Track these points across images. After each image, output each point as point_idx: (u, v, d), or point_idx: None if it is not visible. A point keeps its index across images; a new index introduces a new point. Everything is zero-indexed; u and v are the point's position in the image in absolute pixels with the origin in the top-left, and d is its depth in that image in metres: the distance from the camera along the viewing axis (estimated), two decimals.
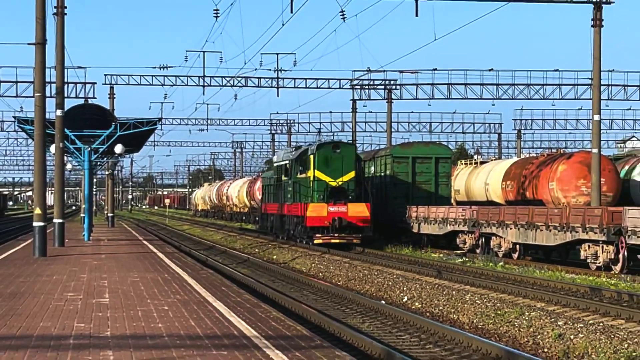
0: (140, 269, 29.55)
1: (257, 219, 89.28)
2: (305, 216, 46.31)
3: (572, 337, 19.48)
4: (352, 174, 46.93)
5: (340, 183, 46.66)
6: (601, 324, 19.90)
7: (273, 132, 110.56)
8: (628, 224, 32.96)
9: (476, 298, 25.31)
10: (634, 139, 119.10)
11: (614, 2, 42.12)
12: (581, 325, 20.08)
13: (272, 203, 57.20)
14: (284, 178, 52.61)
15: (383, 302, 27.42)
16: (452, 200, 52.33)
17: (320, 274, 37.80)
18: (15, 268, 29.67)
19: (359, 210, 45.92)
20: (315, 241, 46.14)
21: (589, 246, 35.96)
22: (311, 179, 47.04)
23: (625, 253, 33.57)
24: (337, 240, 45.97)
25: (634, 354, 17.47)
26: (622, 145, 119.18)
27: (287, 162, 51.78)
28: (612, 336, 18.73)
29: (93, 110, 52.50)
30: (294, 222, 49.81)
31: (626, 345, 18.03)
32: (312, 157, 47.07)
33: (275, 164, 57.27)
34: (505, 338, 21.08)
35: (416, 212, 48.27)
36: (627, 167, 46.15)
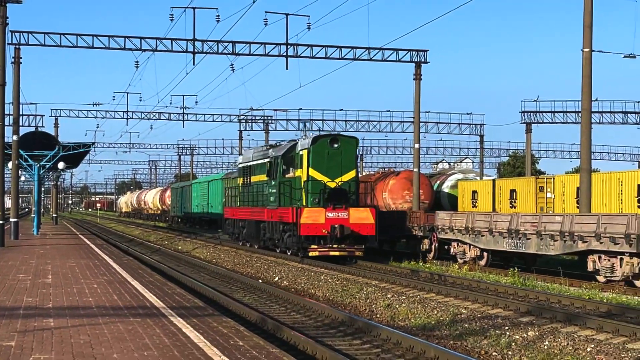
0: (76, 257, 28.94)
1: (167, 218, 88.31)
2: (298, 223, 30.25)
3: (397, 306, 19.72)
4: (353, 173, 31.18)
5: (339, 184, 30.80)
6: (418, 297, 20.20)
7: (180, 154, 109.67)
8: (438, 224, 33.63)
9: (328, 278, 25.44)
10: (443, 161, 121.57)
11: (430, 62, 43.05)
12: (404, 297, 20.35)
13: (241, 207, 39.39)
14: (255, 179, 36.71)
15: (260, 281, 27.38)
16: None
17: (214, 260, 37.53)
18: None
19: (362, 216, 30.39)
20: (311, 254, 30.36)
21: None
22: (304, 178, 31.18)
23: (436, 244, 34.28)
24: (336, 253, 30.42)
25: (440, 318, 17.81)
26: (435, 166, 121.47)
27: (263, 160, 35.53)
28: (426, 305, 19.03)
29: (42, 136, 51.72)
30: (279, 229, 33.10)
31: (436, 312, 18.34)
32: (305, 152, 31.22)
33: (240, 165, 40.21)
34: (349, 307, 21.22)
35: None
36: (438, 182, 47.10)
